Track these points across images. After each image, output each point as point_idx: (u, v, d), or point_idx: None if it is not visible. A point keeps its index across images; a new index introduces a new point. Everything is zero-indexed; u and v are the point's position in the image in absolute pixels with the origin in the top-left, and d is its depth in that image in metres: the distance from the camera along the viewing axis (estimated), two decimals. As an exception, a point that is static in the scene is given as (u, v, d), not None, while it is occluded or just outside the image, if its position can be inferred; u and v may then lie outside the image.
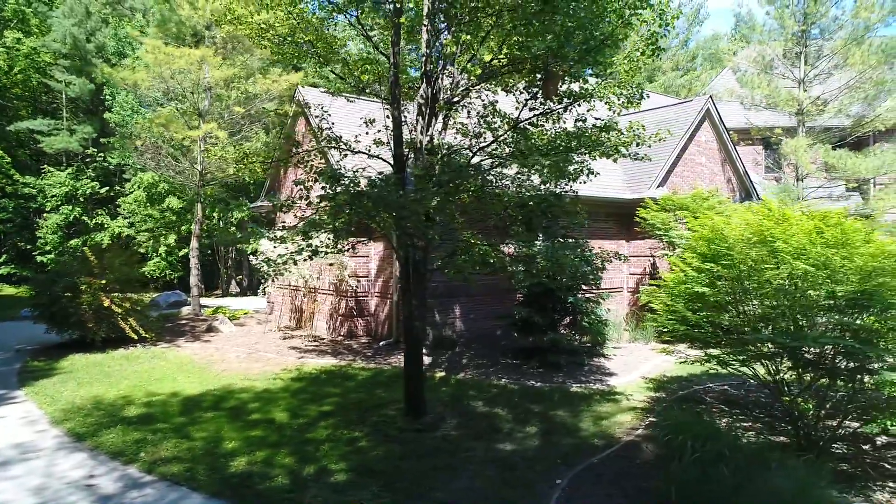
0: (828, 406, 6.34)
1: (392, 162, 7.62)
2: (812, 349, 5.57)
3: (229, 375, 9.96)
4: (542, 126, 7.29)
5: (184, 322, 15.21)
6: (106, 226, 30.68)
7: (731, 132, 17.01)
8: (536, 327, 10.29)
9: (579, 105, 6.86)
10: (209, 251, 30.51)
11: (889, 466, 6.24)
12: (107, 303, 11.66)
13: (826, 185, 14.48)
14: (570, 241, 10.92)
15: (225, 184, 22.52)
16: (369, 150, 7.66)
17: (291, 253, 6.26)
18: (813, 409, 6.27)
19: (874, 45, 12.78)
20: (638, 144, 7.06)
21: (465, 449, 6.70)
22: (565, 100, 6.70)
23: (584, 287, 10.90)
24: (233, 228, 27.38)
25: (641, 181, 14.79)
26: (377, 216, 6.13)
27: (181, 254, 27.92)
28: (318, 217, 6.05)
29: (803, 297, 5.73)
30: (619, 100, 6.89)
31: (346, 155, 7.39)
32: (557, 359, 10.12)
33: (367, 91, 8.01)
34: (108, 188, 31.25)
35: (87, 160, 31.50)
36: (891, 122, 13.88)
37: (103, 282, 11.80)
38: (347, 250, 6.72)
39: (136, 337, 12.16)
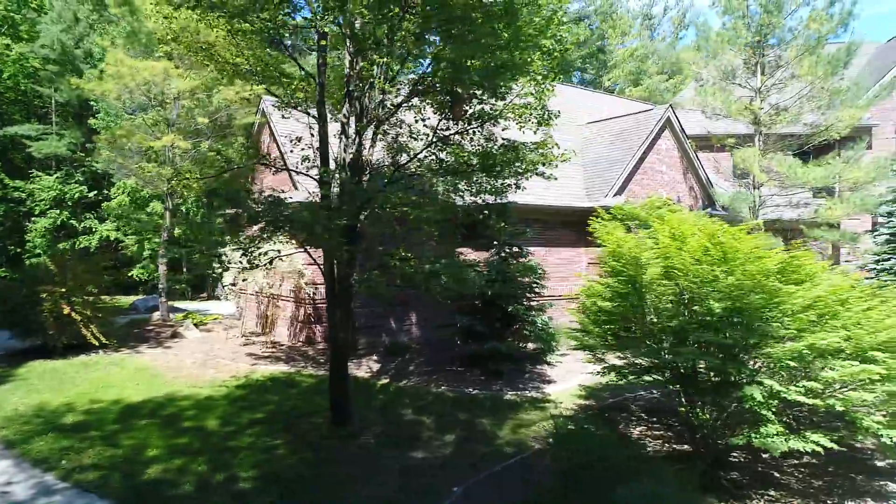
0: (724, 416, 6.58)
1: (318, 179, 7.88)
2: (683, 364, 5.81)
3: (178, 383, 10.23)
4: (460, 144, 7.55)
5: (151, 328, 15.50)
6: (94, 229, 31.05)
7: (692, 139, 17.23)
8: (480, 336, 10.55)
9: (494, 125, 7.13)
10: (196, 255, 30.82)
11: (778, 475, 6.49)
12: (67, 310, 11.95)
13: (789, 192, 14.68)
14: (515, 249, 11.23)
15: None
16: (297, 167, 7.92)
17: (202, 268, 6.57)
18: (709, 419, 6.51)
19: (822, 56, 12.99)
20: (544, 164, 7.30)
21: (380, 457, 6.97)
22: (474, 121, 6.98)
23: (528, 295, 11.13)
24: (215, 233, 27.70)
25: (599, 189, 15.03)
26: (287, 233, 6.41)
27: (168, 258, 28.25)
28: (218, 237, 6.36)
29: (687, 313, 5.98)
30: (528, 120, 7.14)
31: (275, 172, 7.64)
32: (498, 367, 10.38)
33: (300, 108, 8.27)
34: (96, 192, 31.63)
35: (76, 165, 31.91)
36: (844, 131, 14.07)
37: (63, 290, 12.10)
38: (262, 266, 6.98)
39: (97, 343, 12.44)
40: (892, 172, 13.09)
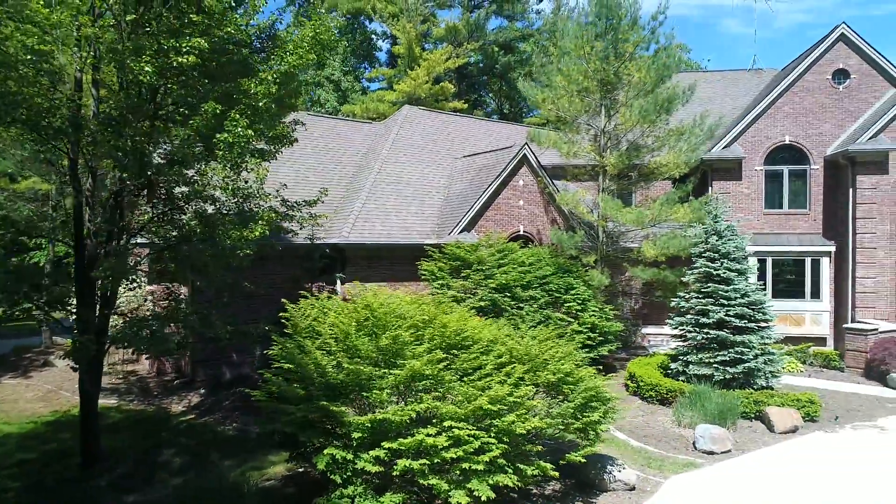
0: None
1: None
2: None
3: (-4, 418, 11.13)
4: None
5: (29, 355, 16.43)
6: (44, 246, 32.08)
7: (559, 171, 17.92)
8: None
9: (199, 200, 8.12)
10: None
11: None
12: (-80, 346, 12.91)
13: (622, 228, 15.38)
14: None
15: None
16: (52, 233, 8.83)
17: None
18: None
19: (635, 105, 13.71)
20: (266, 234, 8.24)
21: (94, 501, 7.81)
22: (178, 200, 7.92)
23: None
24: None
25: (451, 225, 15.78)
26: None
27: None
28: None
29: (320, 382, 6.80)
30: (234, 197, 8.06)
31: (43, 238, 8.49)
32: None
33: (64, 180, 9.15)
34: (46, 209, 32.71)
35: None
36: (685, 169, 14.76)
37: (-82, 327, 13.05)
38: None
39: (-45, 375, 13.40)
40: (707, 214, 13.76)
